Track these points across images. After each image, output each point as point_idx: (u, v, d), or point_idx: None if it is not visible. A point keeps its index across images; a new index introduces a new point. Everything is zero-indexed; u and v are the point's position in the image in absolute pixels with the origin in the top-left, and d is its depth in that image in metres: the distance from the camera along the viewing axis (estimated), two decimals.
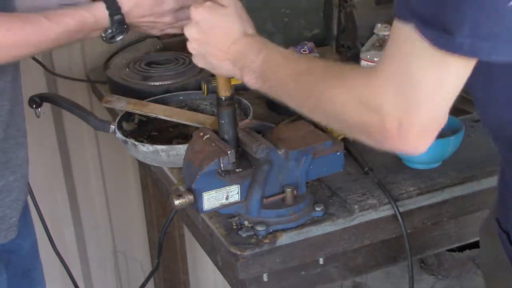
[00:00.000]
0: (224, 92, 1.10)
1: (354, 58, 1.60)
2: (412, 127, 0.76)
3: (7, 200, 1.20)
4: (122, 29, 1.21)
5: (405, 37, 0.72)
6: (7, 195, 1.20)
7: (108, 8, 1.18)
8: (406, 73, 0.73)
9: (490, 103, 0.89)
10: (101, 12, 1.18)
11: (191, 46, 1.06)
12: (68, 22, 1.15)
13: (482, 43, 0.68)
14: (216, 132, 1.13)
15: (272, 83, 0.95)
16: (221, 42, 1.02)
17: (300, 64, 0.92)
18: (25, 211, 1.34)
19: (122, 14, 1.20)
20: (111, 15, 1.18)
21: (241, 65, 1.00)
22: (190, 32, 1.05)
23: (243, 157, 1.12)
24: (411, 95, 0.74)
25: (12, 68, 1.17)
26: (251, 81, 0.99)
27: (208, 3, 1.03)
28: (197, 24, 1.03)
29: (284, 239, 1.10)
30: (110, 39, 1.21)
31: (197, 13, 1.03)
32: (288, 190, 1.12)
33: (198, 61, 1.07)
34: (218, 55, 1.02)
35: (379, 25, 1.47)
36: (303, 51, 1.66)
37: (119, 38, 1.22)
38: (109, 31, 1.20)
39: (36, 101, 1.42)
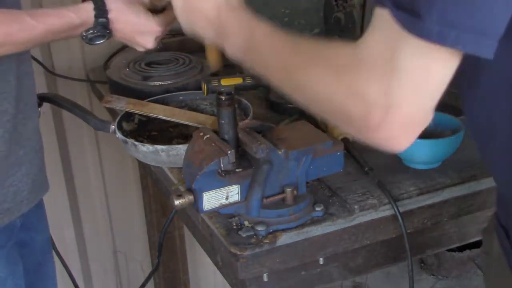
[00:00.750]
0: (216, 65, 1.14)
1: None
2: (395, 120, 0.73)
3: (18, 174, 1.23)
4: (104, 33, 1.21)
5: (389, 25, 0.71)
6: (18, 169, 1.23)
7: (95, 9, 1.19)
8: (391, 61, 0.71)
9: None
10: (88, 13, 1.19)
11: (176, 12, 1.10)
12: (53, 22, 1.15)
13: (450, 30, 0.67)
14: (216, 132, 1.13)
15: (254, 59, 0.93)
16: (203, 11, 1.02)
17: (285, 43, 0.89)
18: (39, 206, 1.36)
19: (107, 18, 1.20)
20: (96, 17, 1.19)
21: (223, 37, 0.99)
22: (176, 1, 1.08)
23: (243, 157, 1.12)
24: (398, 85, 0.71)
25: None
26: (233, 53, 0.98)
27: None
28: None
29: (284, 239, 1.10)
30: (90, 40, 1.21)
31: None
32: (288, 190, 1.12)
33: (185, 26, 1.10)
34: (201, 24, 1.04)
35: None
36: None
37: (98, 41, 1.22)
38: (90, 31, 1.20)
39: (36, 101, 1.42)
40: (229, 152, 1.06)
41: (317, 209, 1.14)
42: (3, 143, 1.19)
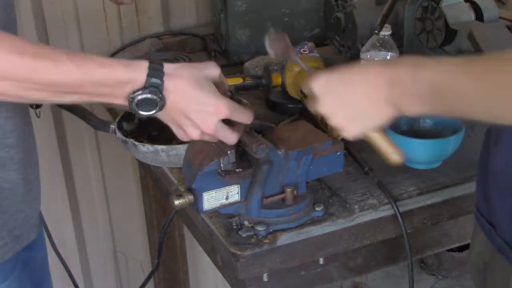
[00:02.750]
0: (394, 156, 1.01)
1: (354, 58, 1.60)
2: None
3: (28, 199, 1.17)
4: (155, 97, 0.96)
5: None
6: (29, 194, 1.17)
7: (150, 67, 0.96)
8: None
9: None
10: (140, 70, 0.96)
11: (336, 121, 0.94)
12: (94, 70, 0.93)
13: None
14: None
15: (450, 99, 0.82)
16: (364, 85, 0.90)
17: (481, 63, 0.80)
18: (40, 224, 1.33)
19: (162, 80, 0.96)
20: (149, 76, 0.96)
21: (397, 95, 0.87)
22: (325, 108, 0.94)
23: (243, 157, 1.12)
24: None
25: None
26: (415, 107, 0.86)
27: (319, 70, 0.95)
28: (328, 95, 0.93)
29: (284, 239, 1.10)
30: (137, 105, 0.96)
31: (320, 85, 0.94)
32: (288, 190, 1.12)
33: (351, 131, 0.95)
34: (370, 100, 0.90)
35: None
36: (303, 51, 1.66)
37: (146, 112, 0.98)
38: (139, 91, 0.95)
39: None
40: (229, 152, 1.06)
41: (317, 209, 1.14)
42: (23, 168, 1.12)
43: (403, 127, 1.31)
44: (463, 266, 2.69)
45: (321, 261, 1.19)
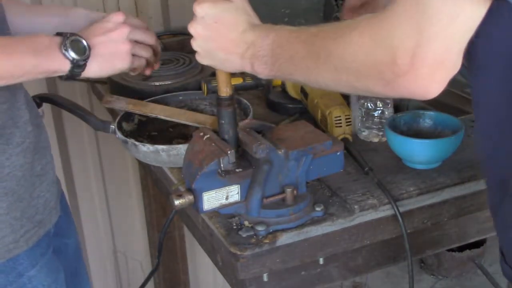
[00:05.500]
0: (225, 90, 1.10)
1: None
2: (424, 59, 0.75)
3: (44, 184, 1.22)
4: (79, 38, 1.09)
5: None
6: (44, 179, 1.22)
7: (60, 34, 1.10)
8: (421, 4, 0.73)
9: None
10: (48, 35, 1.10)
11: (195, 44, 1.04)
12: (21, 49, 1.06)
13: None
14: (216, 132, 1.13)
15: (282, 60, 0.94)
16: (229, 34, 1.00)
17: (310, 30, 0.91)
18: (67, 210, 1.36)
19: (70, 31, 1.10)
20: (58, 33, 1.10)
21: (250, 55, 0.98)
22: (194, 29, 1.03)
23: (243, 157, 1.12)
24: (425, 25, 0.73)
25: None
26: (262, 68, 0.98)
27: None
28: (202, 20, 1.02)
29: (284, 239, 1.10)
30: (73, 50, 1.08)
31: (201, 9, 1.02)
32: (288, 190, 1.12)
33: (203, 59, 1.05)
34: (226, 48, 1.01)
35: None
36: None
37: (84, 52, 1.09)
38: (66, 40, 1.08)
39: (36, 101, 1.42)
40: (229, 152, 1.06)
41: (317, 209, 1.14)
42: (29, 154, 1.17)
43: (403, 127, 1.31)
44: (463, 266, 2.69)
45: (321, 261, 1.19)
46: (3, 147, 1.12)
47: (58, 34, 1.10)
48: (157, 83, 1.61)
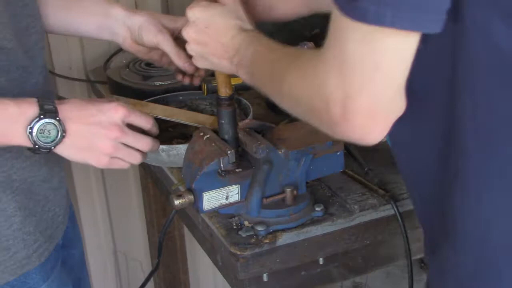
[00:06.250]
0: (224, 91, 1.10)
1: None
2: (355, 111, 0.71)
3: (58, 197, 1.18)
4: (54, 122, 0.97)
5: (336, 15, 0.70)
6: (58, 192, 1.19)
7: (39, 99, 0.98)
8: (343, 53, 0.70)
9: None
10: (30, 101, 0.97)
11: (189, 48, 1.05)
12: None
13: (386, 9, 0.65)
14: (216, 132, 1.13)
15: (257, 76, 0.94)
16: (219, 39, 1.00)
17: (276, 53, 0.90)
18: (73, 220, 1.33)
19: (55, 106, 0.97)
20: (41, 103, 0.97)
21: (237, 61, 0.98)
22: (187, 33, 1.03)
23: (243, 157, 1.12)
24: (351, 76, 0.70)
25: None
26: (244, 77, 0.97)
27: (203, 2, 1.03)
28: (194, 24, 1.02)
29: (284, 239, 1.10)
30: (39, 138, 0.96)
31: (193, 13, 1.02)
32: (288, 190, 1.12)
33: (198, 62, 1.06)
34: (217, 53, 1.01)
35: None
36: None
37: (50, 141, 0.97)
38: (36, 120, 0.95)
39: None
40: (229, 152, 1.06)
41: (317, 209, 1.14)
42: (41, 167, 1.13)
43: None
44: None
45: (321, 261, 1.19)
46: (12, 161, 1.07)
47: (38, 101, 0.97)
48: (157, 83, 1.61)
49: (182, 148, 1.26)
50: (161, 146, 1.28)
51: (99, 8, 1.24)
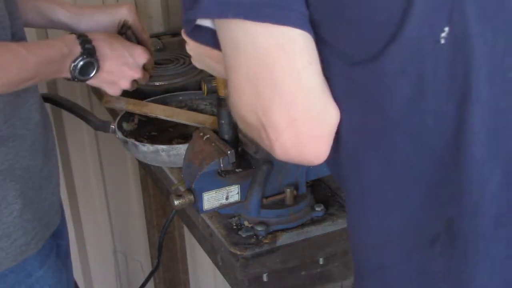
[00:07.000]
0: (224, 91, 1.10)
1: None
2: (278, 131, 0.67)
3: (50, 187, 1.23)
4: (92, 60, 1.14)
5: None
6: (50, 182, 1.23)
7: (79, 37, 1.14)
8: (238, 72, 0.69)
9: None
10: (73, 41, 1.13)
11: (188, 48, 1.04)
12: (44, 52, 1.09)
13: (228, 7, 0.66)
14: (216, 132, 1.13)
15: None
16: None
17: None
18: (62, 212, 1.36)
19: (92, 45, 1.14)
20: (81, 44, 1.13)
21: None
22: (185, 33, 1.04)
23: (243, 157, 1.12)
24: (258, 94, 0.67)
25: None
26: None
27: None
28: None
29: (284, 239, 1.10)
30: (80, 71, 1.13)
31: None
32: (288, 190, 1.12)
33: (196, 63, 1.06)
34: (212, 56, 1.01)
35: None
36: None
37: (88, 74, 1.15)
38: (79, 59, 1.12)
39: None
40: (229, 152, 1.06)
41: (317, 209, 1.14)
42: (39, 156, 1.18)
43: None
44: None
45: (321, 261, 1.19)
46: (16, 149, 1.12)
47: (80, 41, 1.13)
48: (157, 83, 1.61)
49: (182, 148, 1.26)
50: (161, 146, 1.28)
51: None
